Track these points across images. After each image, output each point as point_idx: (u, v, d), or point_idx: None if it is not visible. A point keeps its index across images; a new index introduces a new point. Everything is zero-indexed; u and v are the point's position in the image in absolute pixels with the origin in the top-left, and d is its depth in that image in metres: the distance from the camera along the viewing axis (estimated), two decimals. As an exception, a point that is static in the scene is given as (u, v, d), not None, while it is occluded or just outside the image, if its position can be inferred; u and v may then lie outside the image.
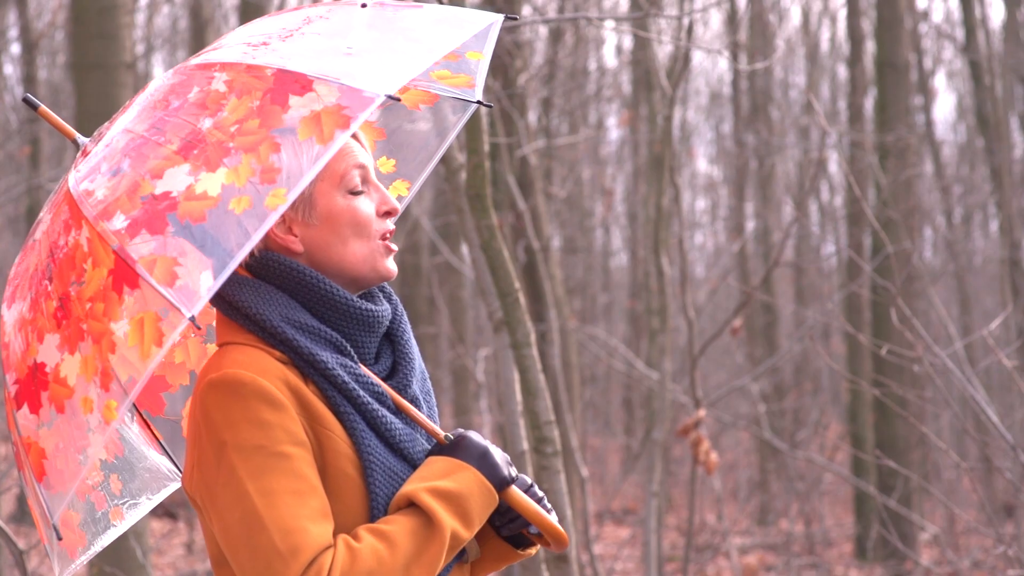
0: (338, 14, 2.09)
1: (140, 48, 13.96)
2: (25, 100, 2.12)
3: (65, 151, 14.81)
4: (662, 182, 8.24)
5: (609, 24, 12.65)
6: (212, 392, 1.92)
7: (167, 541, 12.79)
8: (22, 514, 12.93)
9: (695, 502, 7.94)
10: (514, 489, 2.07)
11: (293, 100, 1.86)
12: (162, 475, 2.21)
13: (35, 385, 1.88)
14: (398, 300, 2.17)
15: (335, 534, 1.94)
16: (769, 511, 15.47)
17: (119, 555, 6.77)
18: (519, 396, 4.60)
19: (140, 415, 2.29)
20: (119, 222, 1.81)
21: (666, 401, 7.78)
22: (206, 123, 1.87)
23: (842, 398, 18.77)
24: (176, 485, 2.21)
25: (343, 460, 1.98)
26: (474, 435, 2.07)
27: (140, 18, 14.67)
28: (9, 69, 15.87)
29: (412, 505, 1.98)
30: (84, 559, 2.05)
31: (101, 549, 2.08)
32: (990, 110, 13.33)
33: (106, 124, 2.09)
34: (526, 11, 10.00)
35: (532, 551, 2.18)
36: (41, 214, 2.03)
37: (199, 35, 13.86)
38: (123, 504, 2.12)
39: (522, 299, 4.58)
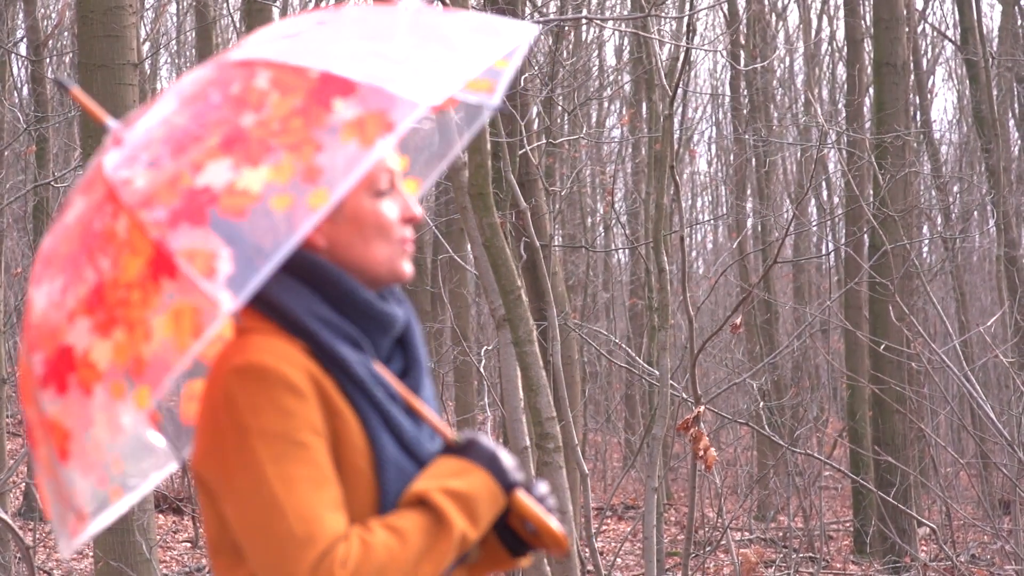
0: (377, 16, 2.10)
1: (146, 48, 14.01)
2: (56, 82, 2.12)
3: (72, 150, 14.87)
4: (663, 180, 8.31)
5: (610, 24, 12.72)
6: (237, 378, 1.94)
7: (173, 536, 12.88)
8: (29, 510, 13.01)
9: (695, 498, 8.00)
10: (518, 493, 2.10)
11: (337, 103, 1.88)
12: (162, 456, 2.17)
13: (62, 367, 1.88)
14: (409, 304, 2.19)
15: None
16: (768, 506, 15.55)
17: (125, 550, 6.80)
18: (521, 392, 4.66)
19: None
20: (159, 213, 1.81)
21: (666, 397, 7.84)
22: (248, 119, 1.87)
23: (841, 394, 18.85)
24: (173, 466, 2.19)
25: (356, 454, 2.00)
26: (484, 438, 2.11)
27: (146, 18, 14.74)
28: (16, 68, 15.93)
29: (422, 503, 2.00)
30: (84, 537, 1.99)
31: (100, 529, 2.05)
32: (987, 109, 13.41)
33: (136, 113, 2.07)
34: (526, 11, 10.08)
35: (526, 560, 2.20)
36: (73, 197, 2.02)
37: (205, 35, 13.94)
38: (123, 483, 2.08)
39: (524, 296, 4.66)
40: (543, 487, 2.17)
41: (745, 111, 18.09)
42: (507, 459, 2.09)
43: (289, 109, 1.87)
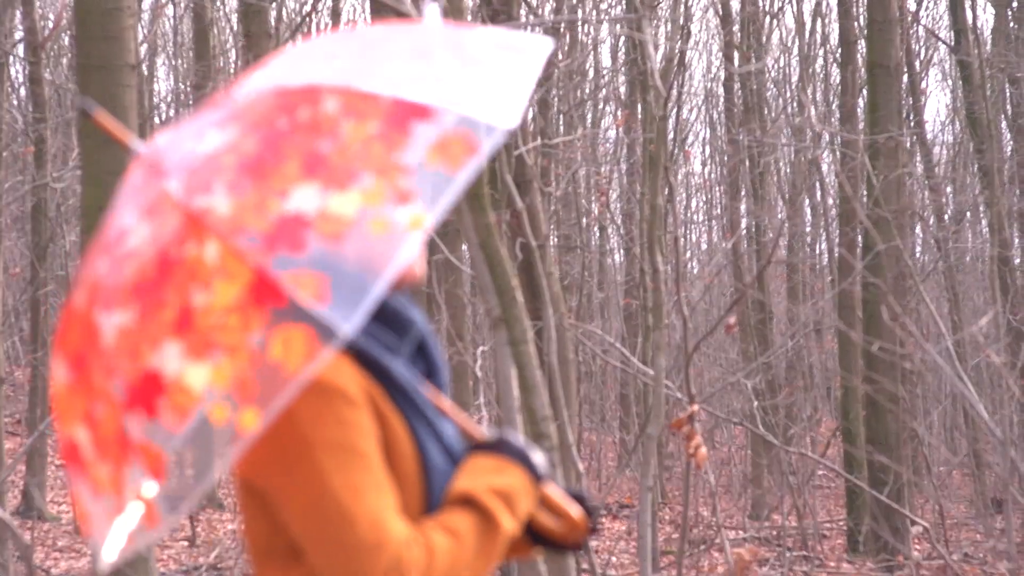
0: (405, 35, 2.09)
1: (143, 50, 14.06)
2: (79, 109, 2.07)
3: (70, 151, 14.91)
4: (657, 181, 8.35)
5: (604, 26, 12.77)
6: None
7: (170, 535, 12.92)
8: (27, 508, 13.04)
9: (689, 496, 8.06)
10: (546, 487, 2.19)
11: (416, 127, 1.86)
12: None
13: (149, 391, 1.84)
14: (418, 306, 2.26)
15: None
16: (762, 505, 15.61)
17: (124, 548, 6.85)
18: (516, 392, 4.70)
19: None
20: (252, 238, 1.80)
21: (661, 397, 7.89)
22: (325, 145, 1.85)
23: (834, 394, 18.92)
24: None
25: (405, 460, 2.06)
26: (512, 434, 2.19)
27: (143, 20, 14.78)
28: (15, 70, 15.97)
29: (468, 501, 2.08)
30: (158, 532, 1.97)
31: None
32: (980, 110, 13.47)
33: (166, 136, 2.04)
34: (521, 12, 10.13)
35: (539, 551, 2.30)
36: (127, 222, 1.96)
37: (202, 37, 14.00)
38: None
39: (519, 296, 4.70)
40: (585, 491, 2.29)
41: (737, 111, 18.15)
42: (536, 455, 2.18)
43: (367, 135, 1.85)
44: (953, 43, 16.30)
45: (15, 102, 15.34)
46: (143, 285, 1.89)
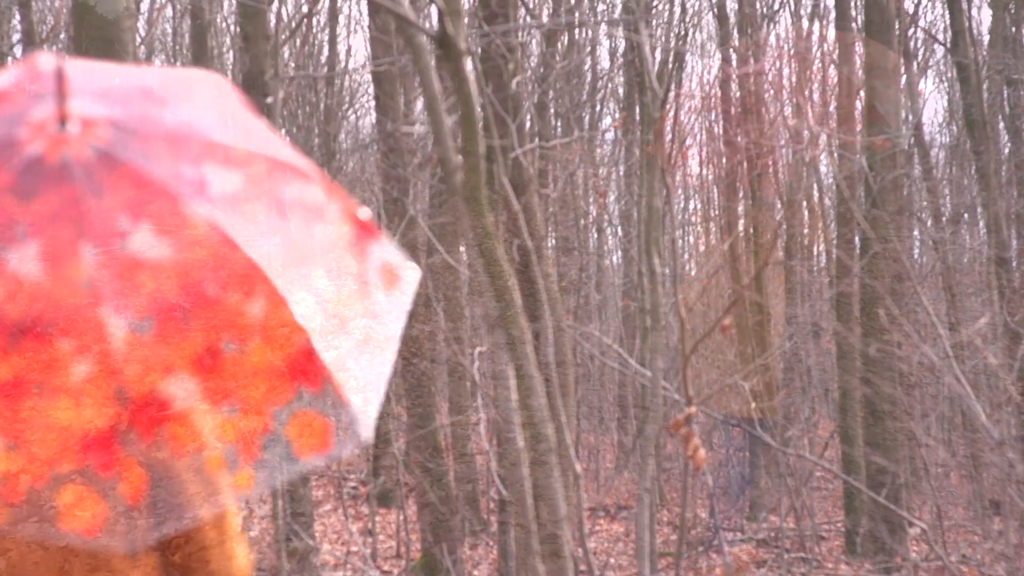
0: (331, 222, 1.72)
1: (141, 51, 14.05)
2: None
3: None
4: (655, 182, 8.36)
5: (602, 28, 12.79)
6: None
7: (167, 537, 12.90)
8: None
9: (687, 498, 8.06)
10: None
11: (299, 390, 1.64)
12: None
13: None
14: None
15: None
16: (760, 507, 15.62)
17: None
18: (514, 393, 4.71)
19: None
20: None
21: (659, 398, 7.89)
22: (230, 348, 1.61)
23: (832, 395, 18.93)
24: None
25: None
26: None
27: (141, 23, 14.77)
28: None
29: None
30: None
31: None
32: (977, 112, 13.49)
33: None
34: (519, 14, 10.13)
35: None
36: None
37: (200, 39, 13.99)
38: None
39: (517, 298, 4.71)
40: None
41: (734, 111, 18.15)
42: None
43: (265, 364, 1.62)
44: (950, 45, 16.31)
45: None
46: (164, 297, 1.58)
